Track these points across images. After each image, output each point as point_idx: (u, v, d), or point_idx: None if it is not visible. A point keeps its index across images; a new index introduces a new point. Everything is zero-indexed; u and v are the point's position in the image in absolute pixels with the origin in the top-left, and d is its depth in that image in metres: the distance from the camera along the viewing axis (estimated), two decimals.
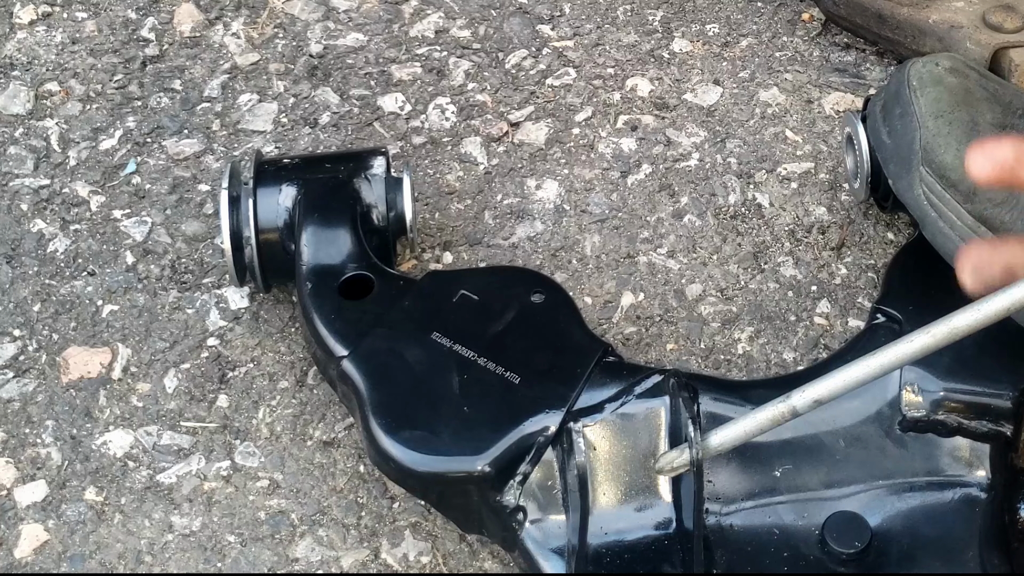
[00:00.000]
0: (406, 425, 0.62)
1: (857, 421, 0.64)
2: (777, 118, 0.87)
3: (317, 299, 0.68)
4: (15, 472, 0.70)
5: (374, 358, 0.65)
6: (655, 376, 0.63)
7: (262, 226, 0.72)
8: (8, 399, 0.73)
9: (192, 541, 0.68)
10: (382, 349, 0.65)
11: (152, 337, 0.76)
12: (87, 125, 0.88)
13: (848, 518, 0.61)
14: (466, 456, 0.61)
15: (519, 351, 0.64)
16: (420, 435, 0.61)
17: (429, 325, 0.65)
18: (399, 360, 0.64)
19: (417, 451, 0.61)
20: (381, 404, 0.63)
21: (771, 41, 0.92)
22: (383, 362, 0.64)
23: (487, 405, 0.62)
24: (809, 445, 0.63)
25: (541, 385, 0.63)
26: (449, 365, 0.64)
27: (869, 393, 0.63)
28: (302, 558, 0.67)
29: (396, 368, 0.64)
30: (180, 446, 0.71)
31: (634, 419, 0.62)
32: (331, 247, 0.70)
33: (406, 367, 0.64)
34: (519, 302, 0.67)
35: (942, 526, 0.62)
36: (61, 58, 0.92)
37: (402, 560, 0.67)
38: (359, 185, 0.73)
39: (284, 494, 0.69)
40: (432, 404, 0.62)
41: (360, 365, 0.64)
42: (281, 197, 0.72)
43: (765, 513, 0.62)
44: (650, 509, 0.61)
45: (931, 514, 0.62)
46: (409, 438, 0.61)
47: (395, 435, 0.61)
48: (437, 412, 0.62)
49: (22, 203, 0.83)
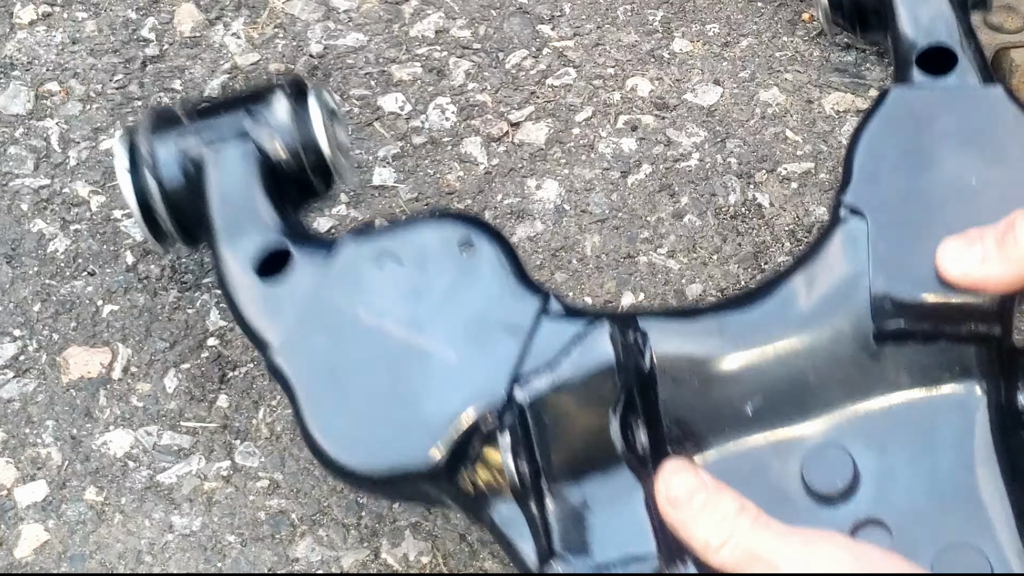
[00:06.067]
0: (343, 426, 0.57)
1: (827, 340, 0.57)
2: (777, 118, 0.87)
3: (232, 280, 0.63)
4: (15, 472, 0.70)
5: (300, 349, 0.59)
6: (601, 324, 0.57)
7: (166, 183, 0.68)
8: (8, 399, 0.73)
9: (192, 541, 0.68)
10: (307, 337, 0.59)
11: (152, 337, 0.76)
12: (87, 125, 0.88)
13: (828, 453, 0.56)
14: (412, 451, 0.56)
15: (453, 319, 0.58)
16: (359, 434, 0.57)
17: (354, 301, 0.60)
18: (327, 348, 0.59)
19: (359, 453, 0.57)
20: (314, 404, 0.58)
21: (771, 41, 0.92)
22: (310, 353, 0.59)
23: (426, 389, 0.57)
24: (779, 375, 0.57)
25: (481, 356, 0.57)
26: (380, 348, 0.58)
27: (836, 308, 0.57)
28: (302, 558, 0.67)
29: (324, 359, 0.59)
30: (180, 446, 0.71)
31: (584, 374, 0.56)
32: (239, 215, 0.65)
33: (335, 355, 0.59)
34: (448, 260, 0.60)
35: (932, 443, 0.56)
36: (61, 58, 0.92)
37: (402, 560, 0.67)
38: (261, 133, 0.67)
39: (284, 494, 0.69)
40: (368, 397, 0.57)
41: (287, 359, 0.59)
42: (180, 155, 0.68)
43: (740, 457, 0.57)
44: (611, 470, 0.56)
45: (919, 431, 0.56)
46: (348, 440, 0.57)
47: (334, 438, 0.57)
48: (375, 405, 0.57)
49: (22, 203, 0.83)
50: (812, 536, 0.48)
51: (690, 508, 0.50)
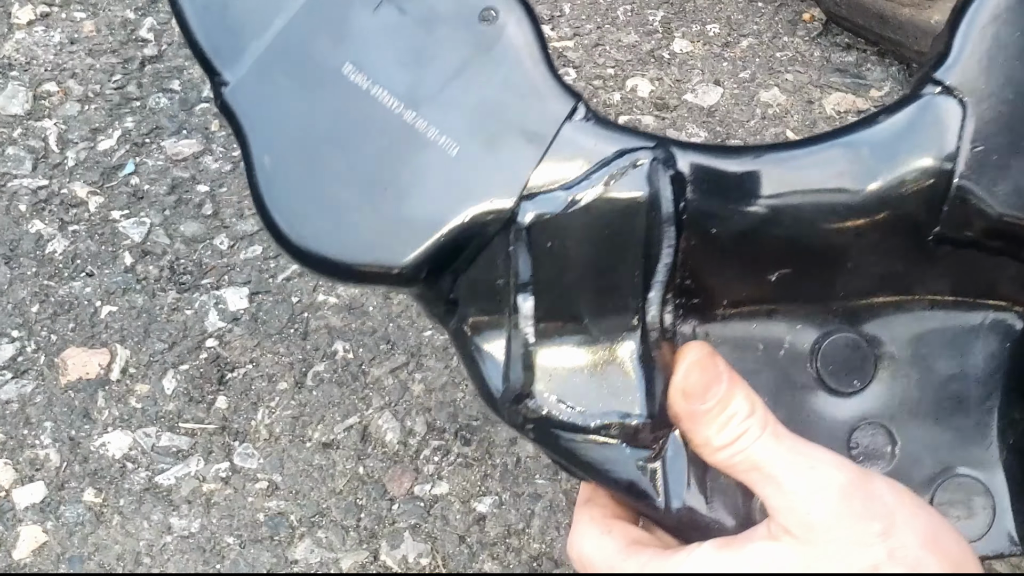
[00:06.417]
0: (305, 198, 0.48)
1: (880, 220, 0.49)
2: (778, 118, 0.87)
3: None
4: (13, 473, 0.70)
5: (264, 96, 0.49)
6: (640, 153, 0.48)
7: None
8: (7, 400, 0.73)
9: (191, 543, 0.68)
10: (274, 81, 0.49)
11: (151, 338, 0.76)
12: (85, 125, 0.88)
13: (847, 342, 0.51)
14: (385, 248, 0.47)
15: (459, 104, 0.48)
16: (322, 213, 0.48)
17: (339, 50, 0.49)
18: (299, 103, 0.49)
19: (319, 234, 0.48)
20: (273, 169, 0.48)
21: (772, 41, 0.92)
22: (276, 105, 0.49)
23: (414, 179, 0.47)
24: (816, 247, 0.50)
25: (488, 157, 0.48)
26: (365, 119, 0.48)
27: (902, 190, 0.49)
28: (301, 560, 0.67)
29: (294, 116, 0.49)
30: (179, 447, 0.71)
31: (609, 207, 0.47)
32: None
33: (308, 115, 0.48)
34: (463, 27, 0.49)
35: (959, 362, 0.51)
36: (59, 58, 0.92)
37: (401, 562, 0.66)
38: None
39: (283, 496, 0.69)
40: (341, 172, 0.48)
41: (245, 105, 0.49)
42: None
43: (752, 328, 0.50)
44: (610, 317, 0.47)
45: (948, 346, 0.51)
46: (307, 216, 0.48)
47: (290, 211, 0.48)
48: (348, 184, 0.48)
49: (20, 203, 0.83)
50: (818, 459, 0.44)
51: (703, 404, 0.45)
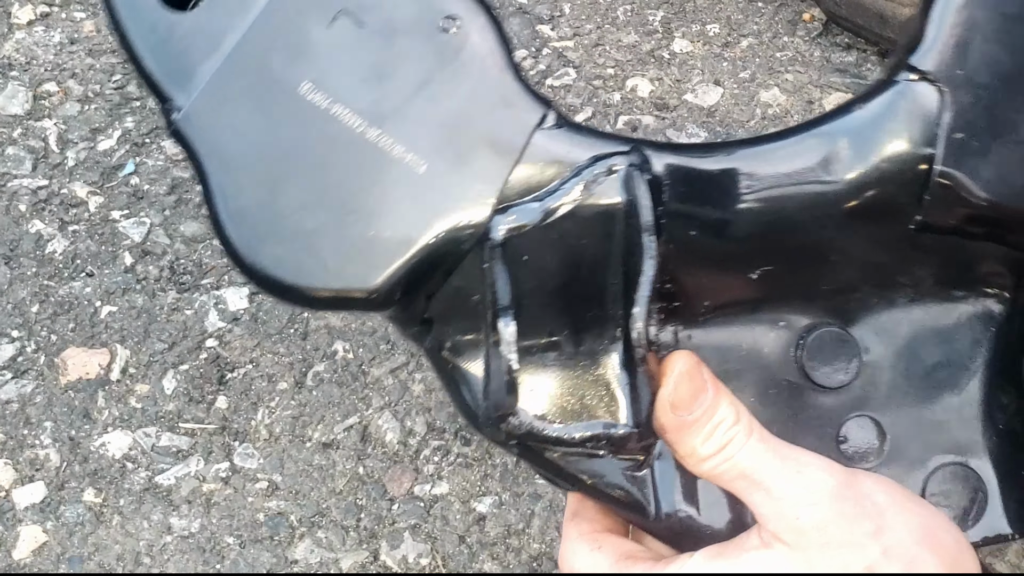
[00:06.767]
0: (265, 224, 0.46)
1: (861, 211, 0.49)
2: (778, 118, 0.87)
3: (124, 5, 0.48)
4: (13, 473, 0.70)
5: (218, 120, 0.47)
6: (615, 159, 0.47)
7: None
8: (7, 400, 0.73)
9: (191, 543, 0.68)
10: (229, 105, 0.47)
11: (151, 338, 0.76)
12: (85, 125, 0.88)
13: (832, 336, 0.50)
14: (352, 272, 0.46)
15: (424, 118, 0.46)
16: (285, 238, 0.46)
17: (296, 68, 0.47)
18: (256, 126, 0.47)
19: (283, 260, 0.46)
20: (233, 196, 0.46)
21: (772, 41, 0.92)
22: (232, 128, 0.47)
23: (381, 199, 0.46)
24: (797, 241, 0.49)
25: (457, 172, 0.46)
26: (327, 139, 0.46)
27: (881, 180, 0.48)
28: (301, 560, 0.67)
29: (252, 140, 0.47)
30: (179, 447, 0.71)
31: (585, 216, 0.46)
32: None
33: (267, 137, 0.47)
34: (424, 37, 0.47)
35: (947, 346, 0.51)
36: (59, 58, 0.92)
37: (401, 562, 0.66)
38: None
39: (283, 496, 0.69)
40: (302, 196, 0.46)
41: (199, 129, 0.47)
42: None
43: (735, 329, 0.50)
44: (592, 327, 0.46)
45: (932, 335, 0.51)
46: (269, 242, 0.46)
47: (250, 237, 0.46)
48: (310, 208, 0.46)
49: (20, 203, 0.83)
50: (805, 463, 0.44)
51: (690, 414, 0.44)
